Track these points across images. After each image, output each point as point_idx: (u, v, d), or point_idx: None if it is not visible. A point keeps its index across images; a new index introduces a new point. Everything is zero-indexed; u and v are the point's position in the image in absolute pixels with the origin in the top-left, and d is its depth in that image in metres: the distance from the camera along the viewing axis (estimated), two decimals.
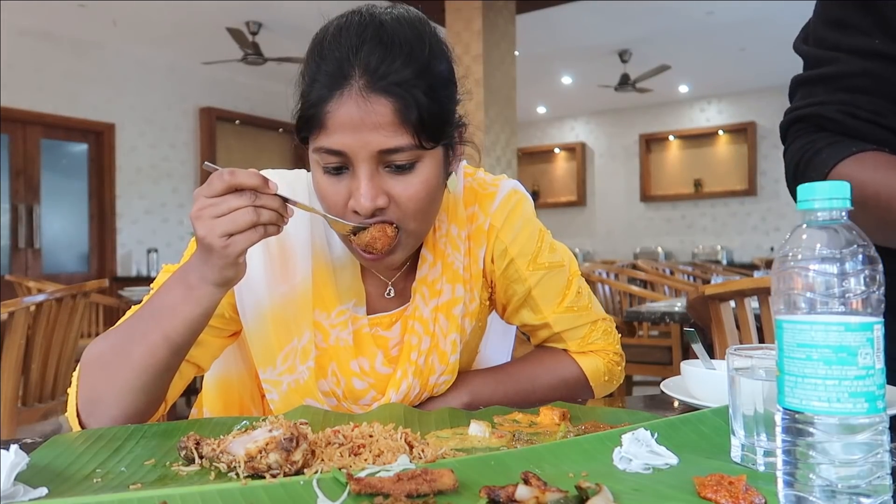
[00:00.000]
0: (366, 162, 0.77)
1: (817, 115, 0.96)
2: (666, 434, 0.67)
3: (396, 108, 0.75)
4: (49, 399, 2.55)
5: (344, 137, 0.76)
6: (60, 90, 6.57)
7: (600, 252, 10.10)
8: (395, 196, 0.79)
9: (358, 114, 0.75)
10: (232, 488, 0.55)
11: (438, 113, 0.79)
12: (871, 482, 0.47)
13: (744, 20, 6.53)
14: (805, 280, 0.49)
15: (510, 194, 0.97)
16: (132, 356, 0.78)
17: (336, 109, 0.76)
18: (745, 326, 1.68)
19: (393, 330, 0.94)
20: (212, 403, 1.01)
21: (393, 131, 0.76)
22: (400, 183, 0.79)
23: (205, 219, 0.71)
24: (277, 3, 5.85)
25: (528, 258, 0.96)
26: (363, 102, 0.75)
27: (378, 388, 0.93)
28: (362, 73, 0.75)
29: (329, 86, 0.76)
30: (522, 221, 0.97)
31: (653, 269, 4.88)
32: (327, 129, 0.77)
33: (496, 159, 5.65)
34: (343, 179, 0.79)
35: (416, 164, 0.79)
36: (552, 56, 7.60)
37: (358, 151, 0.76)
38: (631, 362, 3.41)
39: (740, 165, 9.24)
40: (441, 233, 0.94)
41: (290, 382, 0.89)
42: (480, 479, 0.56)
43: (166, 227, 7.47)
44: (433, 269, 0.93)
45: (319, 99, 0.76)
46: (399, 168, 0.78)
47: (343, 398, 0.92)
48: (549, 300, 0.98)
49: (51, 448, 0.69)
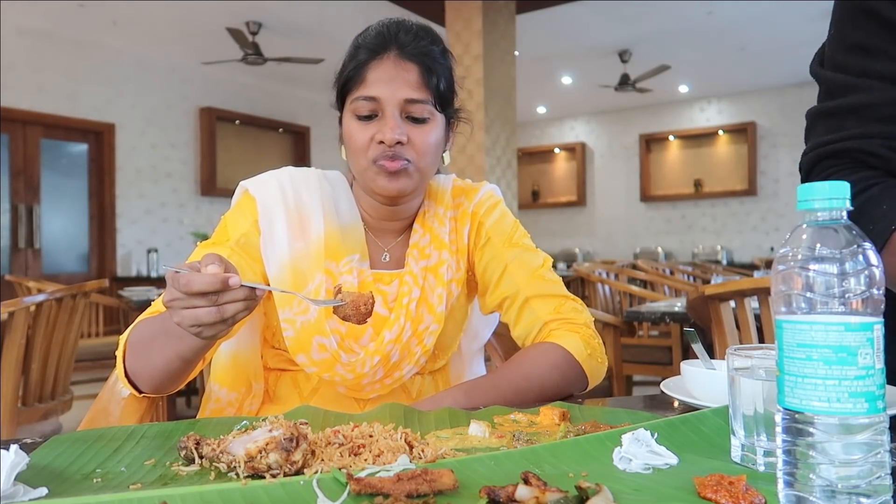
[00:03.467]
0: (394, 107, 1.00)
1: (858, 150, 0.87)
2: (666, 434, 0.67)
3: (421, 72, 1.01)
4: (49, 399, 2.55)
5: (380, 88, 1.00)
6: (60, 90, 6.57)
7: (600, 252, 10.10)
8: (412, 138, 1.01)
9: (394, 70, 1.00)
10: (232, 488, 0.55)
11: (449, 87, 1.05)
12: (871, 482, 0.47)
13: (744, 20, 6.54)
14: (805, 280, 0.49)
15: (490, 191, 1.19)
16: (155, 361, 0.91)
17: (376, 68, 1.00)
18: (745, 326, 1.68)
19: (391, 286, 1.10)
20: (221, 376, 1.10)
21: (418, 87, 1.00)
22: (416, 130, 1.02)
23: (175, 309, 0.76)
24: (277, 3, 5.85)
25: (504, 238, 1.14)
26: (397, 62, 1.00)
27: (375, 327, 1.07)
28: (397, 47, 1.01)
29: (372, 51, 1.01)
30: (500, 211, 1.17)
31: (653, 269, 4.88)
32: (367, 83, 1.00)
33: (496, 159, 5.65)
34: (372, 124, 1.01)
35: (428, 121, 1.02)
36: (552, 56, 7.60)
37: (389, 98, 0.99)
38: (631, 362, 3.41)
39: (740, 165, 9.25)
40: (430, 213, 1.14)
41: (302, 321, 1.04)
42: (480, 479, 0.56)
43: (166, 227, 7.47)
44: (423, 239, 1.13)
45: (364, 61, 1.01)
46: (416, 120, 1.01)
47: (346, 335, 1.06)
48: (523, 272, 1.12)
49: (51, 448, 0.69)
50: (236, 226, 1.06)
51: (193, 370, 0.97)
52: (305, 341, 1.04)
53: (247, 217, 1.07)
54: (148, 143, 7.29)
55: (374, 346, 1.05)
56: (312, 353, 1.03)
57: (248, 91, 8.20)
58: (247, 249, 1.05)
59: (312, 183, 1.10)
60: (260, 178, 1.11)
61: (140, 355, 0.93)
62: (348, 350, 1.05)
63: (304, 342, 1.04)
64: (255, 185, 1.10)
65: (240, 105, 8.11)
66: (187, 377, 0.98)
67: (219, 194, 7.78)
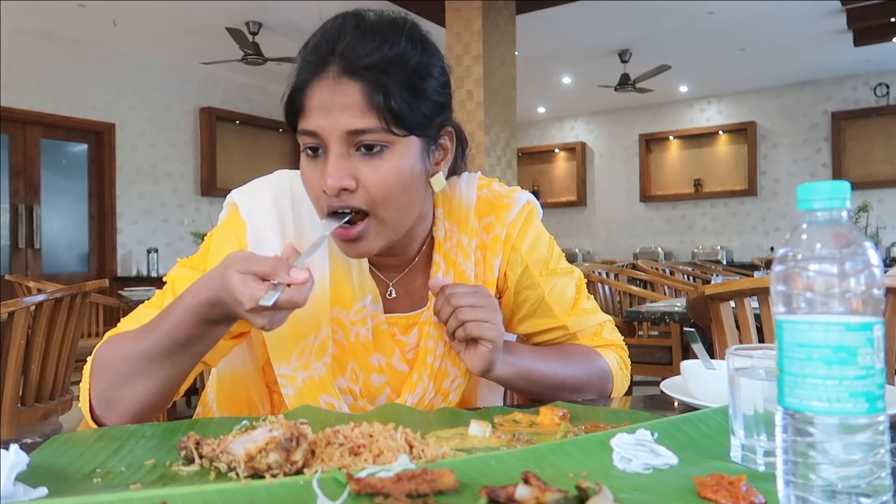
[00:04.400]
0: (336, 142, 0.80)
1: None
2: (666, 434, 0.67)
3: (364, 91, 0.79)
4: (49, 399, 2.55)
5: (318, 118, 0.81)
6: (60, 90, 6.56)
7: (600, 252, 10.09)
8: (362, 180, 0.81)
9: (329, 95, 0.80)
10: (232, 488, 0.55)
11: (410, 101, 0.82)
12: (871, 482, 0.47)
13: (744, 20, 6.53)
14: (805, 280, 0.49)
15: (525, 206, 1.02)
16: (156, 372, 0.82)
17: (313, 93, 0.81)
18: (745, 326, 1.68)
19: (411, 335, 0.97)
20: (220, 398, 1.03)
21: (361, 113, 0.80)
22: (369, 167, 0.81)
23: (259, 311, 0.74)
24: (277, 3, 5.85)
25: (541, 265, 1.01)
26: (335, 85, 0.80)
27: (394, 386, 0.94)
28: (339, 60, 0.81)
29: (310, 71, 0.82)
30: (535, 231, 1.02)
31: (653, 269, 4.88)
32: (305, 112, 0.82)
33: (496, 159, 5.65)
34: (320, 163, 0.83)
35: (386, 150, 0.82)
36: (552, 56, 7.59)
37: (329, 132, 0.80)
38: (631, 362, 3.40)
39: (740, 165, 9.24)
40: (452, 242, 0.97)
41: (304, 378, 0.90)
42: (480, 479, 0.56)
43: (166, 227, 7.46)
44: (446, 277, 0.96)
45: (302, 83, 0.83)
46: (368, 151, 0.81)
47: (360, 395, 0.93)
48: (562, 305, 1.02)
49: (51, 448, 0.69)
50: (218, 252, 0.91)
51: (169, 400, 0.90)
52: (309, 401, 0.89)
53: (232, 244, 0.92)
54: (148, 143, 7.28)
55: None
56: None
57: (248, 91, 8.19)
58: None
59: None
60: (254, 191, 0.95)
61: (126, 374, 0.82)
62: (362, 412, 0.91)
63: (307, 402, 0.89)
64: (246, 203, 0.93)
65: (240, 105, 8.10)
66: (164, 406, 0.89)
67: (219, 194, 7.77)
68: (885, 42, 6.99)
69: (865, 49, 7.32)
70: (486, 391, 1.09)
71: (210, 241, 0.95)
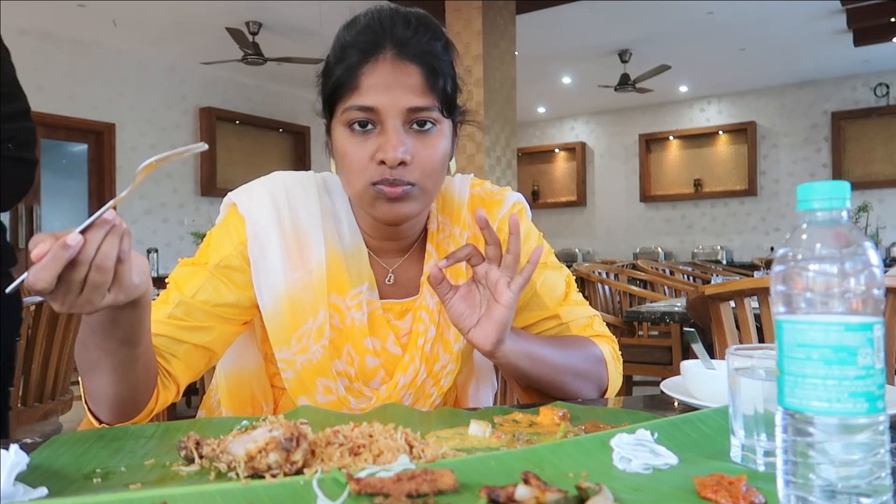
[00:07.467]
0: (395, 118, 0.87)
1: None
2: (666, 434, 0.67)
3: (423, 74, 0.87)
4: (49, 399, 2.54)
5: (378, 95, 0.86)
6: (60, 90, 6.56)
7: (600, 252, 10.09)
8: (416, 155, 0.88)
9: (392, 75, 0.86)
10: (232, 488, 0.55)
11: (455, 87, 0.93)
12: (871, 482, 0.47)
13: (744, 20, 6.53)
14: (805, 280, 0.49)
15: (516, 203, 1.06)
16: (100, 363, 0.80)
17: (371, 72, 0.87)
18: (745, 326, 1.68)
19: (405, 320, 1.01)
20: (225, 397, 1.04)
21: (421, 92, 0.87)
22: (421, 142, 0.88)
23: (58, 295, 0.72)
24: (277, 3, 5.85)
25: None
26: (397, 66, 0.87)
27: (388, 368, 0.99)
28: (394, 45, 0.87)
29: (364, 52, 0.87)
30: (527, 226, 1.06)
31: (653, 269, 4.88)
32: (361, 90, 0.87)
33: (496, 159, 5.65)
34: (369, 137, 0.88)
35: (433, 129, 0.90)
36: (552, 56, 7.60)
37: (390, 108, 0.86)
38: (631, 362, 3.40)
39: (740, 165, 9.24)
40: (444, 234, 1.02)
41: (303, 362, 0.95)
42: (480, 479, 0.56)
43: (166, 227, 7.46)
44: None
45: (355, 64, 0.87)
46: (421, 129, 0.88)
47: (355, 377, 0.97)
48: (553, 296, 1.05)
49: (51, 448, 0.69)
50: (219, 247, 0.95)
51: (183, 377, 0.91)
52: (308, 383, 0.95)
53: (231, 238, 0.95)
54: (148, 143, 7.28)
55: (387, 389, 0.97)
56: (317, 395, 0.96)
57: (248, 91, 8.20)
58: (227, 274, 0.94)
59: (311, 198, 0.98)
60: (251, 190, 0.98)
61: (83, 372, 0.82)
62: (357, 394, 0.97)
63: (306, 384, 0.95)
64: (244, 200, 0.97)
65: (240, 105, 8.10)
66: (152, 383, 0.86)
67: (219, 194, 7.76)
68: (885, 42, 6.99)
69: (865, 49, 7.32)
70: (475, 389, 1.12)
71: (210, 238, 0.98)
